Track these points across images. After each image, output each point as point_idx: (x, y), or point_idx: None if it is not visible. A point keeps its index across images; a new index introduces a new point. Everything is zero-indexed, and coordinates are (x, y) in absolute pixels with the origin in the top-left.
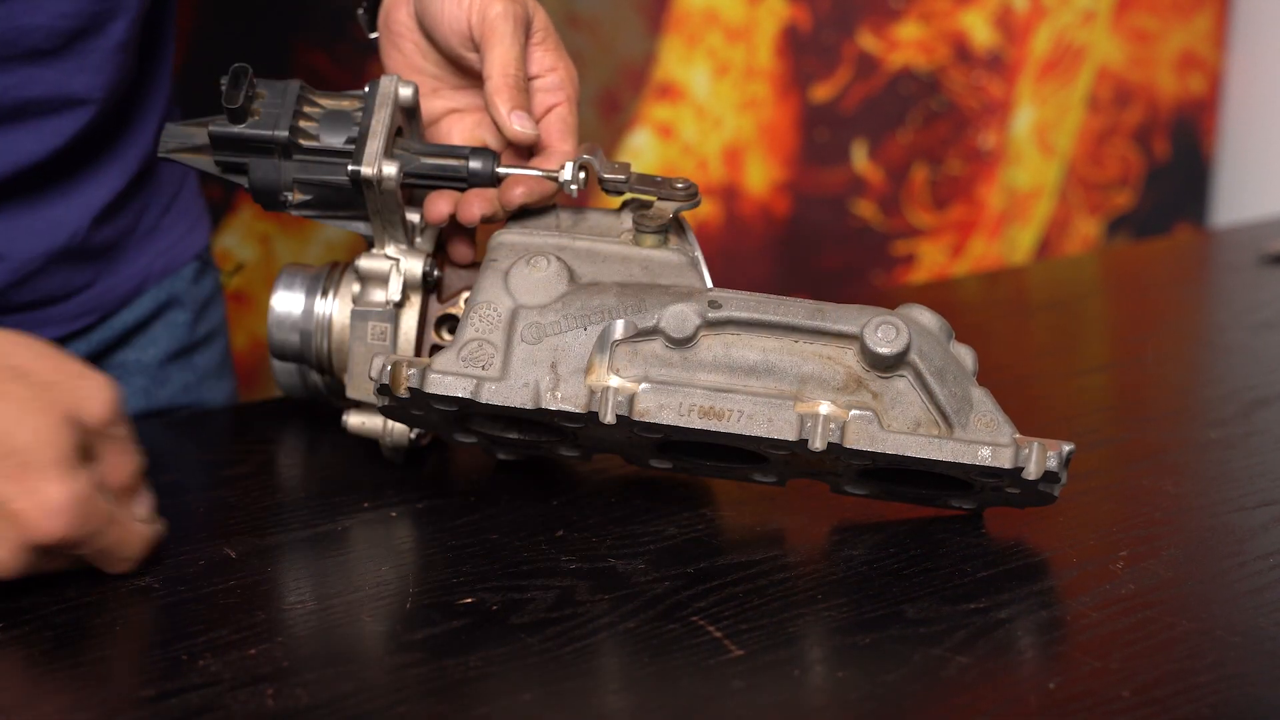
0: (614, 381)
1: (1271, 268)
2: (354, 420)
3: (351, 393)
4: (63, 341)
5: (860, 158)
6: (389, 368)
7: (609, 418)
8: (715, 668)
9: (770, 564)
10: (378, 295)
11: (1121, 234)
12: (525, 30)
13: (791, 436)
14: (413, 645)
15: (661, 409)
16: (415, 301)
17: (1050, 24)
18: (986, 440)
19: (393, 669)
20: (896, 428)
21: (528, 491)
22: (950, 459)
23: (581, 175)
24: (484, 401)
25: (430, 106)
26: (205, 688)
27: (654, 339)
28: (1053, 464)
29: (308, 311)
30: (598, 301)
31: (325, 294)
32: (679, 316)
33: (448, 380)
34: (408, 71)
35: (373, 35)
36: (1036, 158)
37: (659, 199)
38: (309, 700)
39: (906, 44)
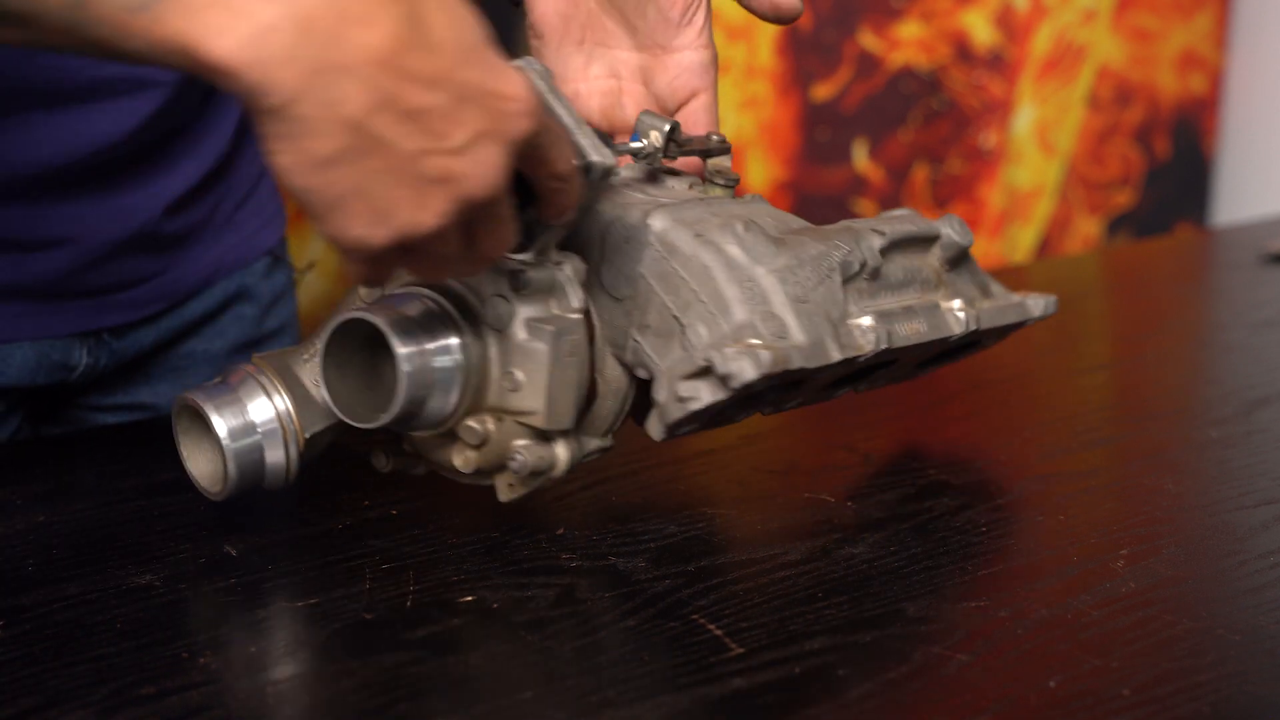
0: (865, 320)
1: (1272, 267)
2: (508, 483)
3: (550, 423)
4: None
5: (861, 157)
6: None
7: (872, 352)
8: (716, 665)
9: (771, 562)
10: (558, 306)
11: (1122, 233)
12: None
13: (961, 330)
14: (413, 643)
15: (900, 335)
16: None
17: (1051, 23)
18: (1017, 300)
19: (393, 666)
20: (981, 306)
21: None
22: (1022, 319)
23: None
24: (812, 367)
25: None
26: (206, 685)
27: (859, 275)
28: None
29: (453, 354)
30: (814, 250)
31: (459, 329)
32: (871, 250)
33: (771, 356)
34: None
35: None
36: (1037, 157)
37: (704, 156)
38: (310, 698)
39: (907, 43)
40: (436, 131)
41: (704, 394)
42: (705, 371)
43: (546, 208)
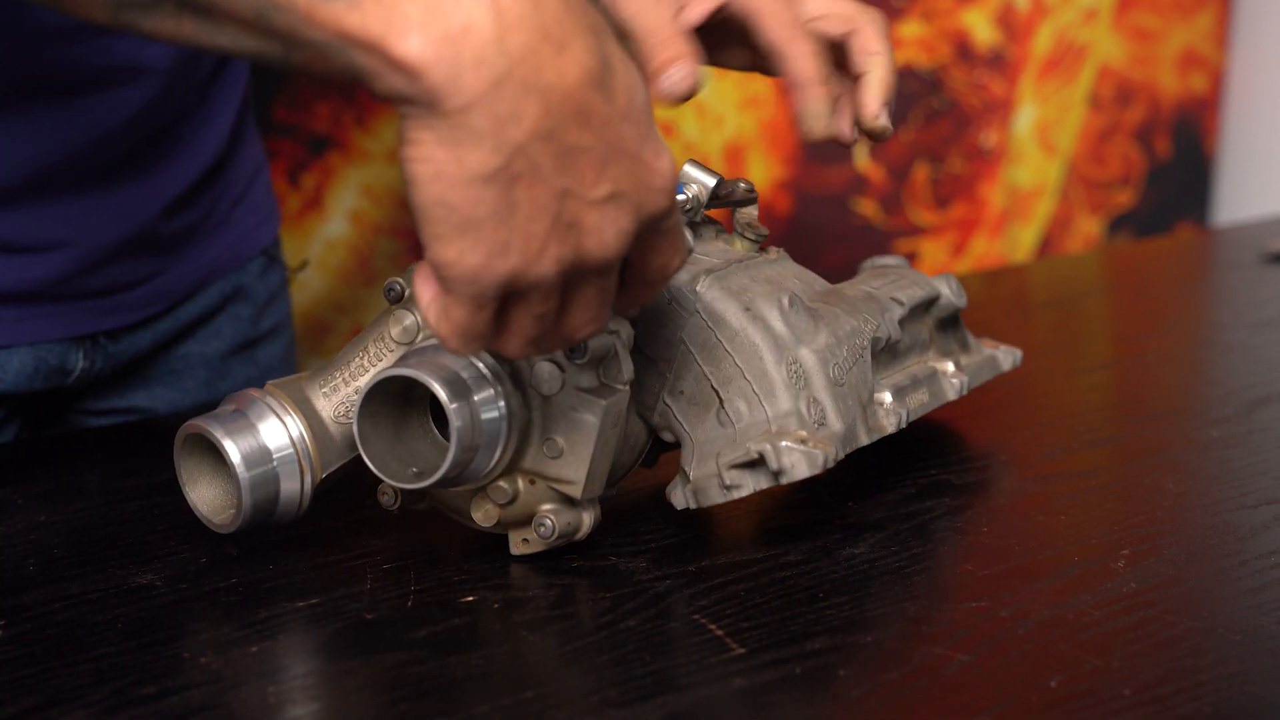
0: (886, 398)
1: (1272, 266)
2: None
3: (587, 493)
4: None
5: (862, 156)
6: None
7: (892, 433)
8: (717, 666)
9: (771, 562)
10: (607, 376)
11: (1123, 233)
12: None
13: (954, 396)
14: (414, 643)
15: (915, 409)
16: None
17: (1052, 22)
18: (989, 354)
19: (394, 666)
20: (966, 365)
21: None
22: (993, 374)
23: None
24: (843, 455)
25: None
26: (207, 685)
27: (882, 350)
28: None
29: (500, 415)
30: (849, 326)
31: (505, 388)
32: (893, 324)
33: (823, 456)
34: None
35: None
36: (1038, 156)
37: (733, 206)
38: (310, 698)
39: (908, 42)
40: (583, 176)
41: (749, 484)
42: (755, 463)
43: (626, 299)
